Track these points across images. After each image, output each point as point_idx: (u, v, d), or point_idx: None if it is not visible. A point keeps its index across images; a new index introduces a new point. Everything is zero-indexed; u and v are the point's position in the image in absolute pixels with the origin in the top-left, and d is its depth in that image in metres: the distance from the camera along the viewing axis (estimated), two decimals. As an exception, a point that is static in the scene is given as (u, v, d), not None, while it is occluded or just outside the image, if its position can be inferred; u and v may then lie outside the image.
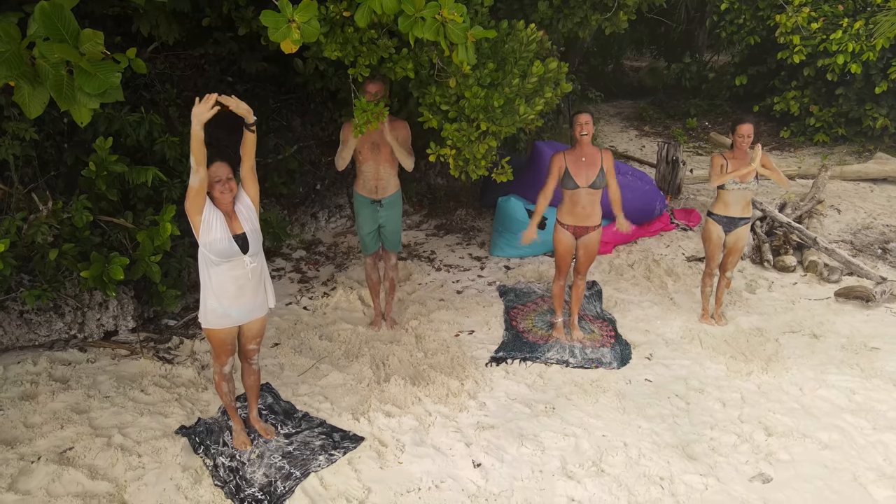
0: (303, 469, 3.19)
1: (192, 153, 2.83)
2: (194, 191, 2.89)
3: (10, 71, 2.93)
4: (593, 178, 4.12)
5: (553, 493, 3.06)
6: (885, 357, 4.24)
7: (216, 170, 2.91)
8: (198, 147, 2.81)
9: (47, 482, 3.11)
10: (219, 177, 2.91)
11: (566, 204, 4.24)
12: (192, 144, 2.82)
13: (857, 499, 3.03)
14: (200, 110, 2.79)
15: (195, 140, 2.80)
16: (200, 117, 2.78)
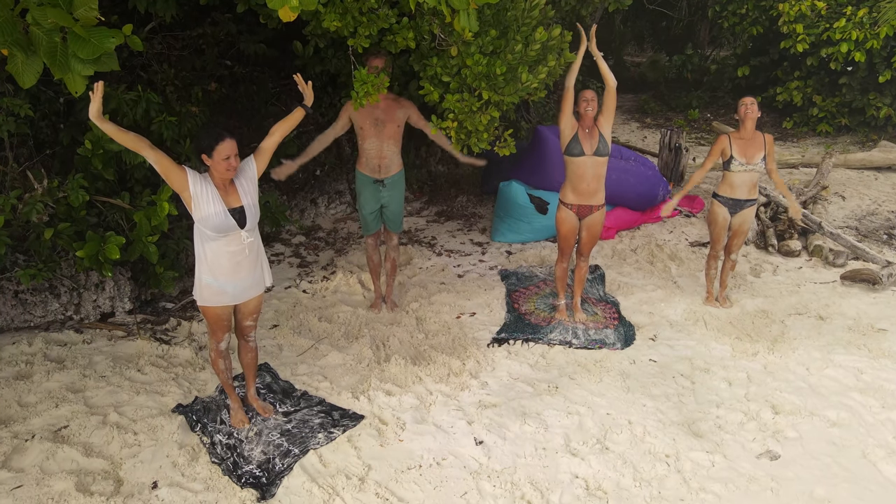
0: (302, 446, 3.13)
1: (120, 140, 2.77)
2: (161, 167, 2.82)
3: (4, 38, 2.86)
4: (596, 145, 4.05)
5: (557, 469, 3.00)
6: (893, 338, 4.18)
7: (226, 147, 2.83)
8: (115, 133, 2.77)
9: (41, 460, 3.06)
10: (227, 154, 2.84)
11: (571, 180, 4.17)
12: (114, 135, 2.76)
13: (867, 475, 2.97)
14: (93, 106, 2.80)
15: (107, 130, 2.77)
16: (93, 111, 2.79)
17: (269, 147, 3.10)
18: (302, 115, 3.18)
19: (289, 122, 3.14)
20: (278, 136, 3.09)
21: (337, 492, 2.86)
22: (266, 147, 3.09)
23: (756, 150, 4.33)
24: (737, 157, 4.32)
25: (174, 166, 2.82)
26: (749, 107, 4.31)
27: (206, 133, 2.89)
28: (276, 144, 3.11)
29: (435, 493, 2.87)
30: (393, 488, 2.89)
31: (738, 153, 4.32)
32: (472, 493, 2.87)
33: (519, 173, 6.27)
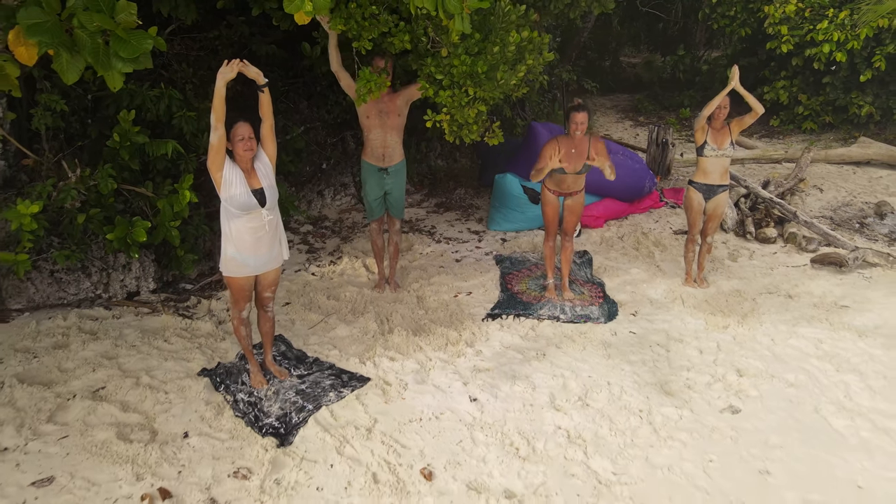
0: (315, 403, 3.49)
1: (214, 110, 3.13)
2: (214, 148, 3.19)
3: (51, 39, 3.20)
4: (580, 167, 4.42)
5: (542, 422, 3.36)
6: (853, 314, 4.53)
7: (240, 129, 3.21)
8: (219, 104, 3.12)
9: (83, 415, 3.41)
10: (242, 135, 3.21)
11: (553, 179, 4.55)
12: (214, 101, 3.13)
13: (817, 426, 3.33)
14: (225, 70, 3.10)
15: (218, 97, 3.11)
16: (225, 76, 3.09)
17: (266, 132, 3.41)
18: (265, 98, 3.34)
19: (262, 108, 3.38)
20: (266, 121, 3.38)
21: (347, 440, 3.22)
22: (264, 134, 3.42)
23: (725, 138, 4.71)
24: (710, 142, 4.71)
25: (224, 149, 3.18)
26: (721, 110, 4.71)
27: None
28: (270, 129, 3.41)
29: (434, 441, 3.23)
30: (397, 437, 3.25)
31: (711, 140, 4.71)
32: (466, 441, 3.22)
33: (514, 167, 6.63)
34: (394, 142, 4.53)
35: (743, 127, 4.81)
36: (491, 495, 2.87)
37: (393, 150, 4.55)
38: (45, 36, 3.17)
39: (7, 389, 3.60)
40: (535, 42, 3.88)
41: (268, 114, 3.35)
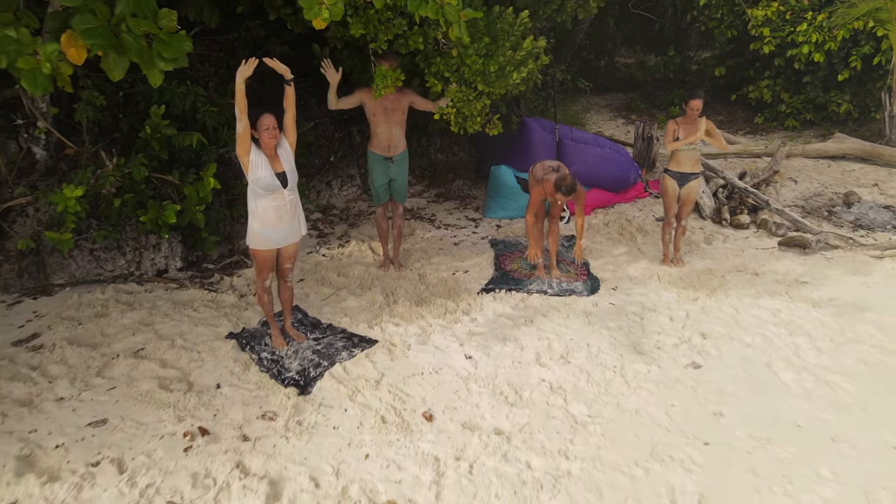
0: (329, 360, 3.95)
1: (236, 103, 3.59)
2: (240, 136, 3.65)
3: (103, 42, 3.66)
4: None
5: (528, 376, 3.82)
6: (811, 288, 4.99)
7: (265, 119, 3.66)
8: (240, 98, 3.57)
9: (127, 371, 3.88)
10: (267, 125, 3.66)
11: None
12: (236, 96, 3.58)
13: (767, 379, 3.79)
14: (243, 69, 3.55)
15: (239, 92, 3.56)
16: (244, 74, 3.54)
17: (289, 122, 3.87)
18: (290, 91, 3.80)
19: (288, 101, 3.85)
20: (289, 112, 3.85)
21: (359, 390, 3.68)
22: (287, 124, 3.88)
23: (696, 132, 5.15)
24: (681, 137, 5.15)
25: (249, 137, 3.63)
26: (695, 111, 5.14)
27: (251, 112, 3.69)
28: (292, 121, 3.88)
29: (433, 391, 3.69)
30: (401, 387, 3.71)
31: (682, 135, 5.15)
32: (461, 391, 3.69)
33: (508, 159, 7.09)
34: (398, 135, 4.99)
35: (711, 136, 5.18)
36: (483, 432, 3.33)
37: (397, 141, 5.01)
38: (97, 39, 3.61)
39: (59, 350, 4.07)
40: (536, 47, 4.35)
41: (291, 106, 3.81)
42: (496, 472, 3.07)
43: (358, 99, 4.91)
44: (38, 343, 4.20)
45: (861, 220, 6.58)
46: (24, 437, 3.32)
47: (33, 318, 4.53)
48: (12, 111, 4.89)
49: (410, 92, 4.94)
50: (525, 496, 2.91)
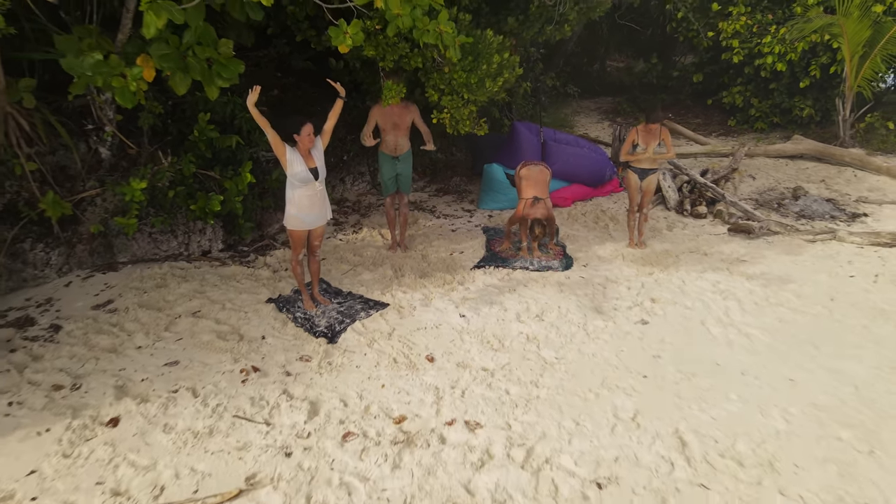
0: (351, 318, 4.84)
1: (258, 122, 4.43)
2: (273, 144, 4.51)
3: (173, 65, 4.55)
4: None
5: (509, 329, 4.71)
6: (748, 265, 5.88)
7: (307, 127, 4.51)
8: (258, 118, 4.40)
9: (189, 326, 4.76)
10: (308, 132, 4.52)
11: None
12: (255, 118, 4.42)
13: (699, 331, 4.68)
14: (251, 97, 4.37)
15: (255, 115, 4.39)
16: (251, 101, 4.36)
17: (328, 129, 4.76)
18: (341, 104, 4.75)
19: (335, 110, 4.75)
20: (331, 121, 4.74)
21: (375, 339, 4.57)
22: (326, 129, 4.76)
23: (653, 139, 6.02)
24: (639, 143, 6.03)
25: (281, 142, 4.50)
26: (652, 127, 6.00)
27: (296, 120, 4.55)
28: (332, 127, 4.77)
29: (434, 340, 4.58)
30: (408, 338, 4.60)
31: (641, 141, 6.02)
32: (456, 340, 4.57)
33: (499, 158, 7.97)
34: (403, 140, 5.87)
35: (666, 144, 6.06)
36: (472, 369, 4.22)
37: (402, 145, 5.89)
38: (169, 63, 4.51)
39: (132, 311, 4.96)
40: (509, 62, 5.23)
41: (334, 116, 4.70)
42: (482, 396, 3.96)
43: (373, 119, 5.77)
44: (113, 307, 5.09)
45: (804, 211, 7.45)
46: (115, 373, 4.21)
47: (105, 288, 5.42)
48: (83, 118, 5.76)
49: (414, 110, 5.80)
50: (504, 412, 3.80)
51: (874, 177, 8.80)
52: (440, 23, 4.37)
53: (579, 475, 3.32)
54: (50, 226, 5.49)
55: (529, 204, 5.69)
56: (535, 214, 5.73)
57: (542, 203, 5.70)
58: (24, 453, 3.49)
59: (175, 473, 3.35)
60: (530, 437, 3.59)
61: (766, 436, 3.60)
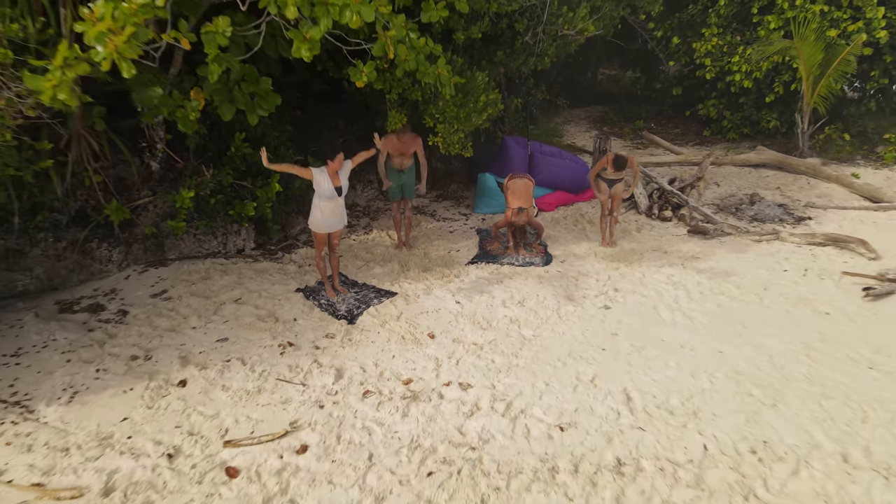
0: (366, 304, 5.77)
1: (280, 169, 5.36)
2: (301, 173, 5.43)
3: (223, 98, 5.47)
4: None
5: (496, 313, 5.64)
6: (700, 261, 6.80)
7: (340, 157, 5.42)
8: (280, 169, 5.36)
9: (233, 311, 5.69)
10: (340, 160, 5.43)
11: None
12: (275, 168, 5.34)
13: (652, 316, 5.60)
14: (264, 158, 5.27)
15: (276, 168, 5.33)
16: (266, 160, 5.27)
17: (356, 161, 5.68)
18: (372, 153, 5.73)
19: (363, 155, 5.70)
20: (358, 159, 5.68)
21: (386, 321, 5.50)
22: (354, 160, 5.68)
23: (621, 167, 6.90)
24: (608, 168, 6.91)
25: (307, 171, 5.42)
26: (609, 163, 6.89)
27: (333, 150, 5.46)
28: (357, 162, 5.70)
29: (434, 322, 5.50)
30: (413, 320, 5.53)
31: (609, 167, 6.90)
32: (453, 321, 5.50)
33: (491, 168, 8.89)
34: (407, 160, 6.79)
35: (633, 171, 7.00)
36: (465, 344, 5.14)
37: (406, 162, 6.82)
38: (219, 96, 5.44)
39: (185, 299, 5.89)
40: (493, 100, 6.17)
41: (360, 158, 5.64)
42: (473, 364, 4.89)
43: (385, 150, 6.69)
44: (168, 296, 6.02)
45: (758, 215, 8.38)
46: (178, 347, 5.14)
47: (159, 280, 6.34)
48: (137, 137, 6.68)
49: (419, 143, 6.71)
50: (490, 376, 4.73)
51: (825, 184, 9.72)
52: (439, 66, 5.30)
53: (546, 421, 4.25)
54: (112, 228, 6.41)
55: (514, 213, 6.63)
56: (519, 222, 6.66)
57: (525, 212, 6.63)
58: (116, 406, 4.42)
59: (235, 420, 4.28)
60: (510, 395, 4.52)
61: (693, 393, 4.53)
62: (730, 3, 12.07)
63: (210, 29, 4.08)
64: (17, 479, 3.79)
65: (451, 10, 5.58)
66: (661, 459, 3.91)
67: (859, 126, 12.10)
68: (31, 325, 5.46)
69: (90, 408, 4.42)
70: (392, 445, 4.03)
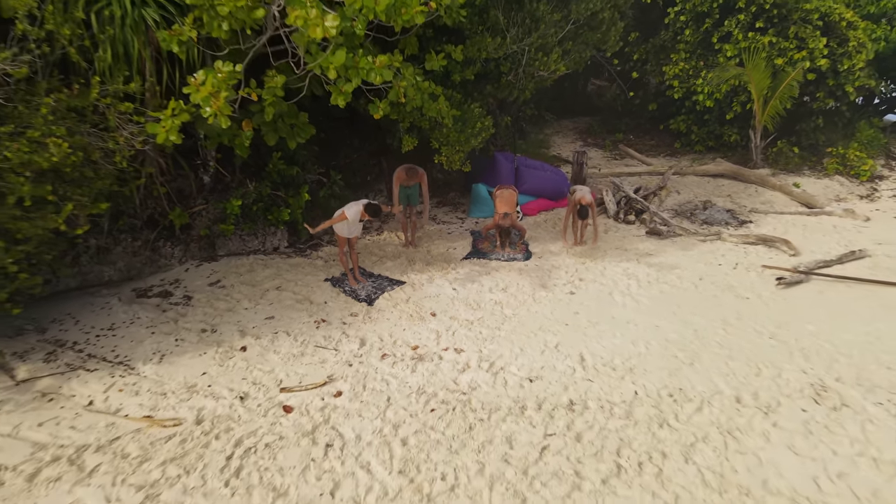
0: (381, 290, 7.06)
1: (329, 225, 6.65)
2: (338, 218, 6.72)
3: (268, 128, 6.76)
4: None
5: (484, 297, 6.92)
6: (652, 257, 8.08)
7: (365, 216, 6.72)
8: (325, 226, 6.65)
9: (276, 296, 6.97)
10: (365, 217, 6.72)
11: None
12: (325, 227, 6.63)
13: (607, 299, 6.89)
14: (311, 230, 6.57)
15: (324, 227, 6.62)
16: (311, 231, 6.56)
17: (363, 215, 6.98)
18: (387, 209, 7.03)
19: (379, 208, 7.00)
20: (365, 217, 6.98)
21: (397, 303, 6.79)
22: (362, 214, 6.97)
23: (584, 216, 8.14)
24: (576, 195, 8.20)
25: (342, 216, 6.71)
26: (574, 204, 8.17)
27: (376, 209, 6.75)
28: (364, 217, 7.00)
29: (436, 304, 6.79)
30: (419, 302, 6.81)
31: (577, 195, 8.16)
32: (450, 304, 6.79)
33: (483, 179, 10.17)
34: (413, 181, 8.08)
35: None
36: (459, 320, 6.43)
37: (412, 182, 8.10)
38: (266, 127, 6.73)
39: (236, 287, 7.17)
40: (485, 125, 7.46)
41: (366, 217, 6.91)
42: (465, 335, 6.17)
43: (397, 182, 7.98)
44: (221, 284, 7.30)
45: (708, 219, 9.65)
46: (235, 323, 6.42)
47: (213, 272, 7.62)
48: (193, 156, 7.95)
49: (423, 177, 8.00)
50: (478, 343, 6.01)
51: (770, 192, 11.01)
52: (440, 103, 6.58)
53: (519, 375, 5.54)
54: (174, 230, 7.69)
55: (501, 217, 7.91)
56: (505, 224, 7.94)
57: (510, 216, 7.91)
58: (195, 365, 5.71)
59: (286, 374, 5.56)
60: (493, 357, 5.80)
61: (632, 355, 5.81)
62: (695, 32, 13.34)
63: (270, 84, 5.36)
64: (131, 414, 5.07)
65: (448, 58, 6.88)
66: (602, 401, 5.19)
67: (811, 139, 13.38)
68: (118, 306, 6.74)
69: (176, 366, 5.71)
70: (404, 391, 5.32)
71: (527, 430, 4.85)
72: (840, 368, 5.62)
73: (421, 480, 4.38)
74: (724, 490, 4.26)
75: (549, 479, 4.39)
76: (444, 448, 4.71)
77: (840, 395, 5.26)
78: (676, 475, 4.42)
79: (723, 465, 4.50)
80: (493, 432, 4.82)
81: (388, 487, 4.35)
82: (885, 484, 4.34)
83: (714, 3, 12.53)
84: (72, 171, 5.00)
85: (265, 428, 4.89)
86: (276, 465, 4.54)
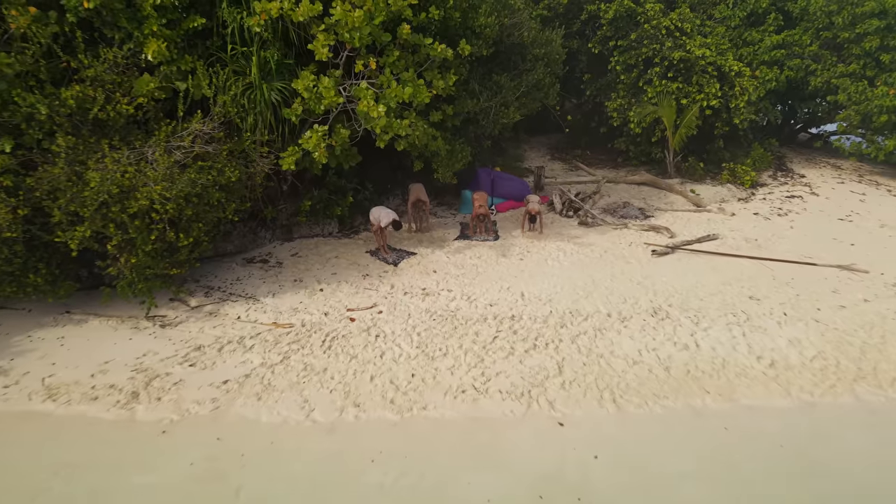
0: (402, 258, 10.37)
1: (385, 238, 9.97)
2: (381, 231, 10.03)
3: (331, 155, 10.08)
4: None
5: (467, 262, 10.24)
6: (579, 239, 11.38)
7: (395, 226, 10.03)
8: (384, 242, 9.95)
9: (336, 262, 10.28)
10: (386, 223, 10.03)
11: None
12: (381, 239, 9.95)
13: (543, 263, 10.21)
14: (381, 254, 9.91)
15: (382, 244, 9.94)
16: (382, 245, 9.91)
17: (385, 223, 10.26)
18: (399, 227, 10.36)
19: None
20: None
21: (412, 265, 10.12)
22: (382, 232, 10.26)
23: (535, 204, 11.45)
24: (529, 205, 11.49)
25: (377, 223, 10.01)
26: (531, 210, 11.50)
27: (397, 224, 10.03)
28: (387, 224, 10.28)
29: (436, 265, 10.11)
30: (426, 265, 10.13)
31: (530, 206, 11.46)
32: (445, 266, 10.10)
33: (469, 186, 13.46)
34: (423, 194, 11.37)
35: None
36: (450, 274, 9.75)
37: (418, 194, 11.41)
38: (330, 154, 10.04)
39: (310, 257, 10.47)
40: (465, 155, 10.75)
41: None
42: (454, 281, 9.49)
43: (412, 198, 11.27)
44: (299, 256, 10.59)
45: (624, 214, 12.93)
46: (313, 276, 9.74)
47: (292, 248, 10.91)
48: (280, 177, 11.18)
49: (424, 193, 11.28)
50: (462, 286, 9.33)
51: (674, 196, 14.30)
52: (438, 142, 9.84)
53: (484, 302, 8.86)
54: (265, 220, 10.99)
55: (477, 210, 11.18)
56: (479, 213, 11.23)
57: (483, 209, 11.18)
58: (294, 298, 9.03)
59: (349, 303, 8.87)
60: (470, 294, 9.12)
61: (553, 293, 9.13)
62: (628, 77, 16.60)
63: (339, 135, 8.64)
64: (264, 322, 8.40)
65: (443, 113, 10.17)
66: (531, 316, 8.51)
67: (717, 157, 16.64)
68: (238, 268, 10.05)
69: (283, 299, 9.02)
70: (419, 310, 8.64)
71: (486, 329, 8.18)
72: (672, 300, 8.96)
73: (428, 351, 7.70)
74: (588, 354, 7.60)
75: (497, 351, 7.72)
76: (440, 337, 8.04)
77: (667, 312, 8.60)
78: (565, 349, 7.74)
79: (591, 345, 7.84)
80: (467, 329, 8.15)
81: (410, 354, 7.66)
82: (677, 354, 7.67)
83: (640, 58, 15.79)
84: (234, 185, 8.33)
85: (340, 328, 8.21)
86: (349, 344, 7.87)
